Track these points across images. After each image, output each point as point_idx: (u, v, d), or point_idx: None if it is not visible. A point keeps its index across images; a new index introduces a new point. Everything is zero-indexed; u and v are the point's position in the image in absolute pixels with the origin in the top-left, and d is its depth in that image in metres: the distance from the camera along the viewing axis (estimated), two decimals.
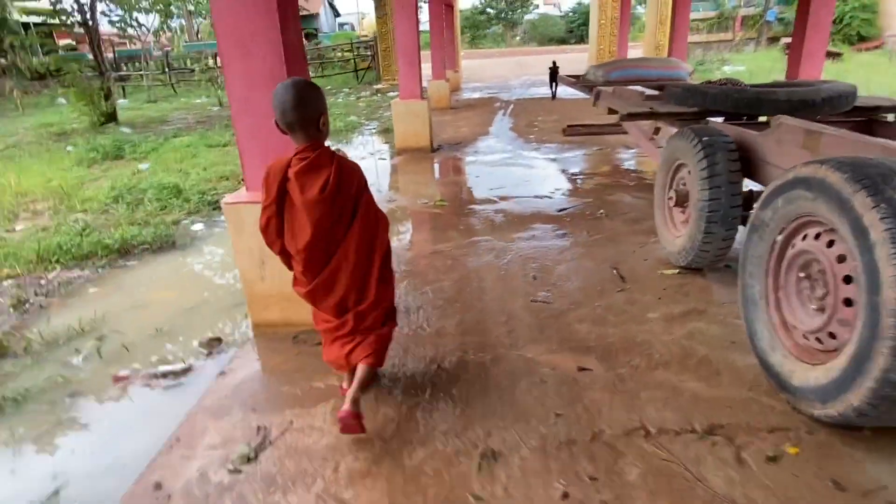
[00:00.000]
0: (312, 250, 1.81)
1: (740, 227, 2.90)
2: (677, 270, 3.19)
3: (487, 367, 2.35)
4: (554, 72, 12.17)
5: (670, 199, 3.27)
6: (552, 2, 44.90)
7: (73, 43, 27.29)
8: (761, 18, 22.91)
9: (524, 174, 5.84)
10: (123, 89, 19.07)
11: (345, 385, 2.06)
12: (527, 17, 41.07)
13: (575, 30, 38.10)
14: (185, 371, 2.54)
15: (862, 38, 19.32)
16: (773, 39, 21.99)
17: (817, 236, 1.89)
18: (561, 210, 4.52)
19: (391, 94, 14.81)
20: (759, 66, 16.01)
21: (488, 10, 40.44)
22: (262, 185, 1.82)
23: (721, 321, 2.64)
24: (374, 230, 1.92)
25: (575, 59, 20.83)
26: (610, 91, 5.93)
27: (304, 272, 1.86)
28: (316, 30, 33.74)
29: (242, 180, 2.72)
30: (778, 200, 2.01)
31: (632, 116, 3.66)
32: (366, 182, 1.91)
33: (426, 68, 11.73)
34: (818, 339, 1.89)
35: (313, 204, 1.74)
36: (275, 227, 1.84)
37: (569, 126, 8.32)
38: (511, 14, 40.72)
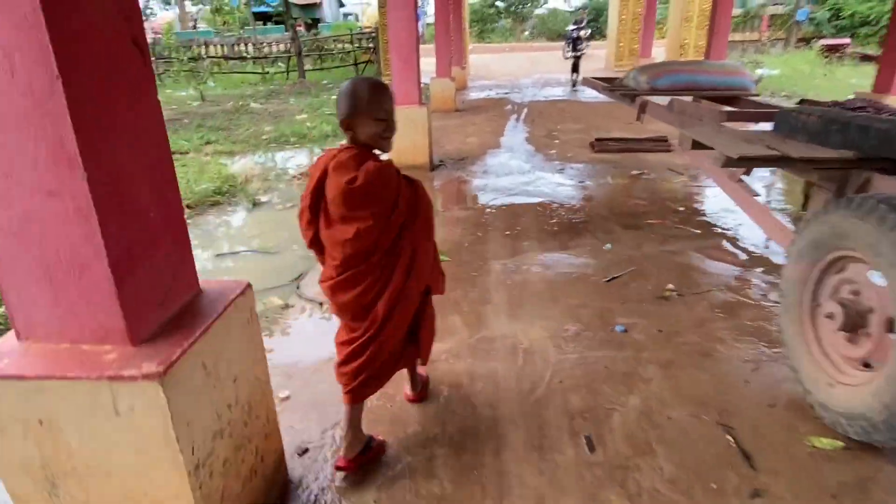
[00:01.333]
0: (349, 246, 1.63)
1: None
2: (841, 444, 1.84)
3: None
4: (576, 63, 13.57)
5: (829, 316, 1.90)
6: None
7: None
8: (791, 18, 21.38)
9: (549, 210, 4.48)
10: None
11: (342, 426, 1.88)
12: (536, 11, 39.62)
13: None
14: None
15: None
16: (804, 40, 20.49)
17: None
18: (609, 279, 3.17)
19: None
20: (795, 69, 14.57)
21: (498, 2, 38.90)
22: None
23: None
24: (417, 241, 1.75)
25: (589, 57, 19.42)
26: (662, 104, 4.60)
27: (339, 267, 1.67)
28: (318, 19, 32.25)
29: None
30: None
31: (747, 161, 2.30)
32: (399, 185, 1.69)
33: (429, 63, 10.41)
34: None
35: (343, 195, 1.57)
36: (306, 219, 1.69)
37: (597, 140, 6.97)
38: (521, 8, 39.21)
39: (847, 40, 16.98)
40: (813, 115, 2.39)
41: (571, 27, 21.78)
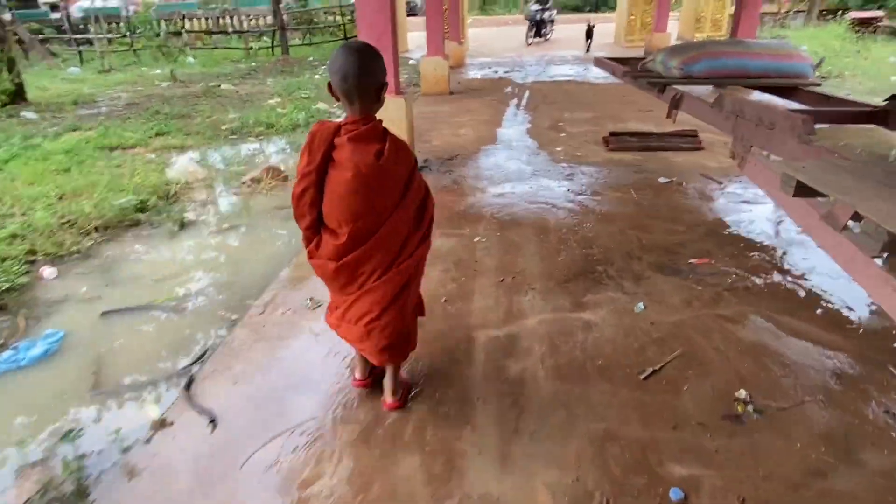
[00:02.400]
0: (364, 221, 1.61)
1: None
2: None
3: None
4: (590, 30, 14.14)
5: None
6: None
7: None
8: None
9: (556, 239, 3.43)
10: (80, 55, 16.52)
11: (357, 375, 2.03)
12: None
13: None
14: None
15: None
16: (829, 12, 19.02)
17: None
18: (647, 375, 2.15)
19: None
20: (824, 45, 13.22)
21: None
22: (304, 149, 1.59)
23: None
24: (423, 213, 1.76)
25: (596, 31, 18.06)
26: (705, 97, 3.57)
27: (346, 244, 1.63)
28: None
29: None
30: None
31: None
32: (416, 162, 1.73)
33: (419, 38, 9.22)
34: None
35: (368, 170, 1.55)
36: (310, 198, 1.61)
37: (612, 135, 5.83)
38: None
39: (880, 13, 15.60)
40: None
41: (534, 7, 16.85)
